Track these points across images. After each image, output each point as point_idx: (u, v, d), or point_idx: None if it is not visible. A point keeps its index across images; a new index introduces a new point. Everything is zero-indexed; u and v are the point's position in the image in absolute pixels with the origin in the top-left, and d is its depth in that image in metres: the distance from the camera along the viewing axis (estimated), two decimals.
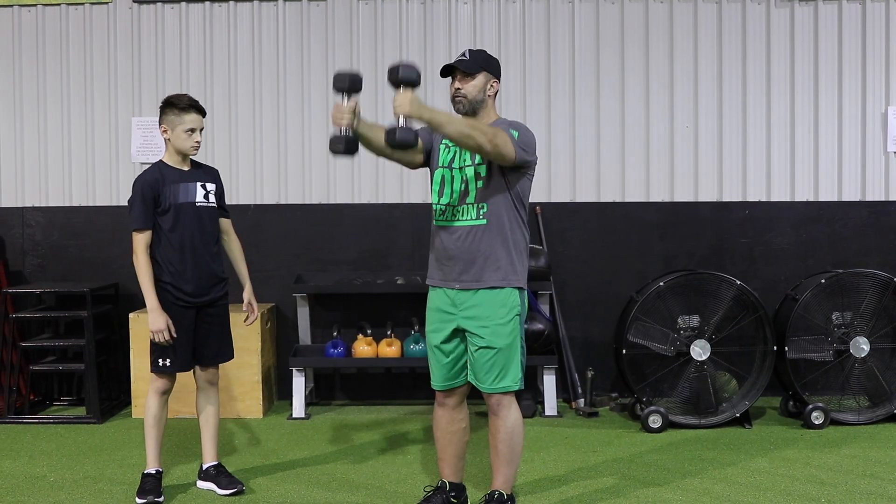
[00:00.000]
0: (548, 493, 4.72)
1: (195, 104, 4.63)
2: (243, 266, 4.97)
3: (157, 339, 4.54)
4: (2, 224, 6.94)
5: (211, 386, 4.83)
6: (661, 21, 6.78)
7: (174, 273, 4.59)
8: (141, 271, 4.55)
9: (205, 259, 4.67)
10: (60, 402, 6.88)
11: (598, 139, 6.82)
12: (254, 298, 4.97)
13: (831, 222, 6.79)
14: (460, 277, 4.11)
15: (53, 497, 4.73)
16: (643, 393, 6.01)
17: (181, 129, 4.58)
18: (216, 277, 4.74)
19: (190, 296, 4.62)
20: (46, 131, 6.96)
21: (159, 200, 4.58)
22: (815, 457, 5.32)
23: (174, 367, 4.63)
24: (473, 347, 4.10)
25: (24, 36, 6.95)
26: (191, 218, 4.63)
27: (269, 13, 6.88)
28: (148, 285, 4.54)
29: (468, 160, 4.11)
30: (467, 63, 4.11)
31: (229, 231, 4.93)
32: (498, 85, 4.21)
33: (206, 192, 4.71)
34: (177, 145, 4.62)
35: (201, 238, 4.67)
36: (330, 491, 4.79)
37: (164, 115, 4.61)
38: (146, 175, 4.62)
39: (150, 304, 4.53)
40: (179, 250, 4.60)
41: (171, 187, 4.60)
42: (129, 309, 6.57)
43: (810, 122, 6.78)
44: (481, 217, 4.07)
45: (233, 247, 4.95)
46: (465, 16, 6.83)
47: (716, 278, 5.98)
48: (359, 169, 6.85)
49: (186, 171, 4.69)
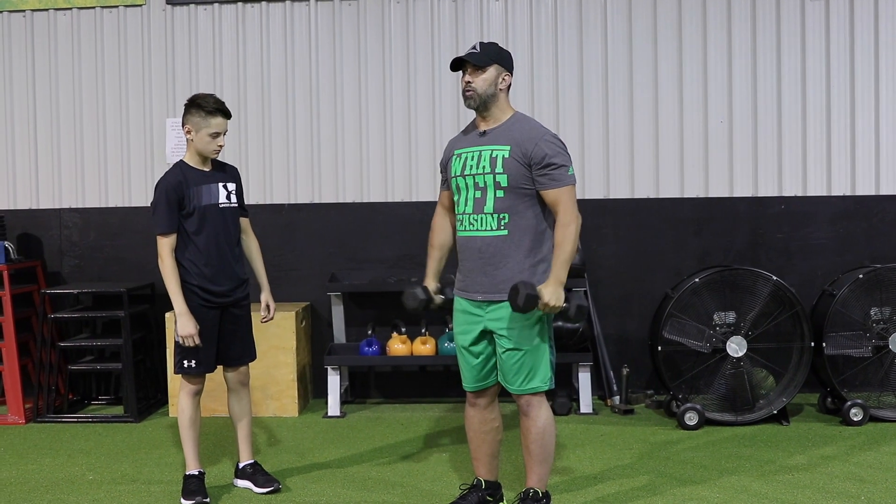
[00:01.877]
0: (583, 491, 4.70)
1: (221, 107, 4.58)
2: (261, 266, 4.94)
3: (185, 344, 4.53)
4: (40, 225, 7.02)
5: (242, 386, 4.84)
6: (694, 15, 6.73)
7: (201, 275, 4.58)
8: (167, 275, 4.53)
9: (229, 260, 4.66)
10: (98, 401, 6.95)
11: (631, 135, 6.78)
12: (271, 299, 4.92)
13: (869, 216, 6.71)
14: (482, 290, 4.07)
15: (92, 495, 4.77)
16: (679, 390, 5.98)
17: (206, 132, 4.54)
18: (239, 279, 4.73)
19: (216, 296, 4.62)
20: (83, 133, 7.03)
21: (183, 203, 4.55)
22: (854, 454, 5.26)
23: (200, 369, 4.63)
24: (501, 349, 4.07)
25: (59, 39, 7.02)
26: (215, 219, 4.61)
27: (301, 13, 6.90)
28: (175, 289, 4.52)
29: (488, 167, 4.02)
30: (478, 56, 4.04)
31: (248, 230, 4.89)
32: (510, 78, 4.12)
33: (228, 192, 4.69)
34: (199, 147, 4.58)
35: (226, 239, 4.65)
36: (365, 490, 4.80)
37: (189, 115, 4.56)
38: (169, 177, 4.58)
39: (179, 309, 4.51)
40: (205, 252, 4.58)
41: (194, 189, 4.56)
42: (165, 308, 6.60)
43: (846, 115, 6.70)
44: (502, 228, 4.00)
45: (251, 246, 4.91)
46: (497, 13, 6.81)
47: (752, 274, 5.93)
48: (392, 167, 6.86)
49: (208, 172, 4.65)
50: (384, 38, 6.87)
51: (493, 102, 4.06)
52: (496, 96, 4.06)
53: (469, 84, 4.04)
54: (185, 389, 4.66)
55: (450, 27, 6.82)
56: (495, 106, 4.08)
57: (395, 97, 6.86)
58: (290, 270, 6.88)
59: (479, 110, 4.09)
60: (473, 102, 4.06)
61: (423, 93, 6.84)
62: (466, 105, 4.09)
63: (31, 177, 7.06)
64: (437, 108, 6.83)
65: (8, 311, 6.36)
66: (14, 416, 6.35)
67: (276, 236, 6.82)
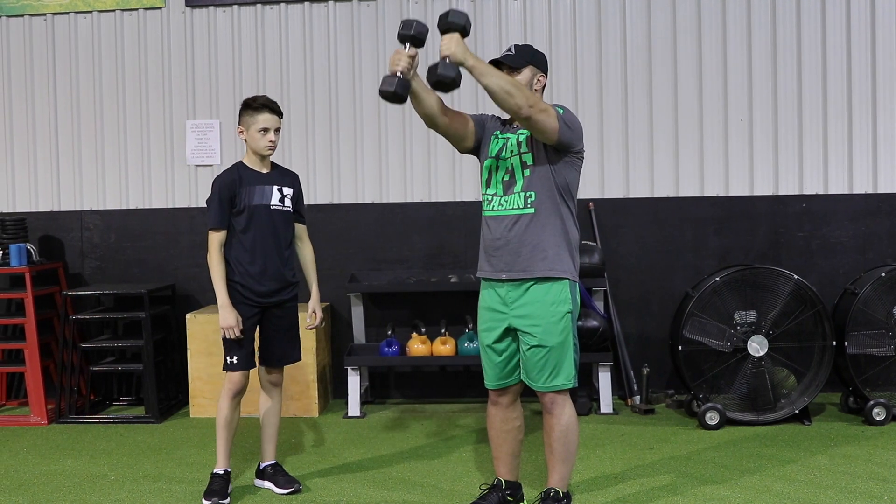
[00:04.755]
0: (604, 490, 4.69)
1: (269, 104, 4.65)
2: (313, 273, 4.96)
3: (227, 335, 4.58)
4: (61, 227, 7.07)
5: (274, 387, 4.86)
6: (713, 12, 6.70)
7: (243, 273, 4.63)
8: (214, 269, 4.61)
9: (275, 262, 4.69)
10: (120, 402, 6.99)
11: (650, 134, 6.76)
12: (319, 307, 4.94)
13: (891, 215, 6.67)
14: (508, 268, 4.06)
15: (114, 495, 4.80)
16: (700, 389, 5.95)
17: (255, 129, 4.61)
18: (285, 281, 4.75)
19: (259, 296, 4.66)
20: (103, 135, 7.07)
21: (235, 201, 4.62)
22: (876, 453, 5.23)
23: (240, 365, 4.66)
24: (525, 346, 4.07)
25: (80, 42, 7.07)
26: (264, 220, 4.66)
27: (319, 14, 6.92)
28: (220, 282, 4.59)
29: (515, 150, 4.06)
30: (513, 58, 4.06)
31: (303, 237, 4.93)
32: (545, 79, 4.14)
33: (283, 195, 4.73)
34: (251, 145, 4.66)
35: (273, 240, 4.69)
36: (386, 489, 4.81)
37: (241, 115, 4.67)
38: (224, 175, 4.68)
39: (221, 301, 4.58)
40: (251, 251, 4.63)
41: (247, 189, 4.64)
42: (185, 309, 6.65)
43: (868, 112, 6.66)
44: (529, 206, 4.02)
45: (305, 252, 4.94)
46: (516, 12, 6.81)
47: (773, 273, 5.90)
48: (411, 168, 6.87)
49: (265, 174, 4.72)
50: None
51: None
52: None
53: None
54: (226, 388, 4.68)
55: None
56: None
57: None
58: None
59: None
60: None
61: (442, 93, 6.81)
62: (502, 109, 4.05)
63: (52, 179, 7.11)
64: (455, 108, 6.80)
65: (30, 312, 6.40)
66: (37, 417, 6.39)
67: None
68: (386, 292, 6.79)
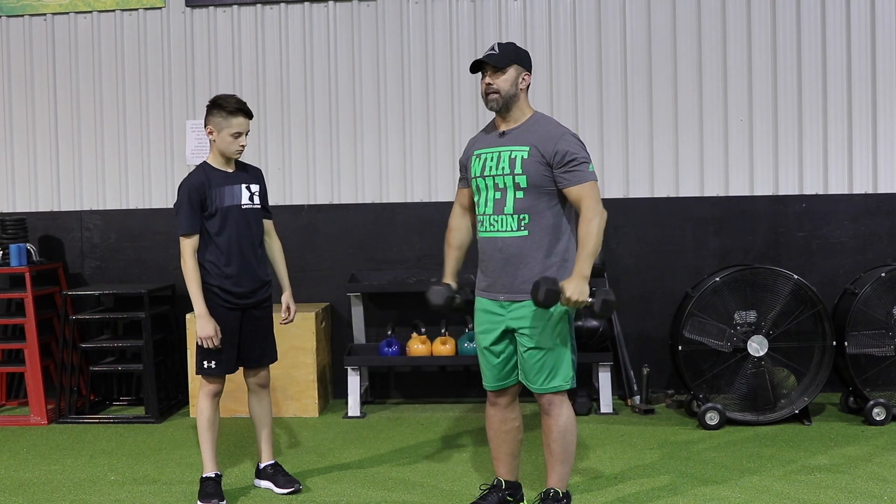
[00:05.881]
0: (604, 490, 4.69)
1: (243, 107, 4.57)
2: (284, 268, 4.93)
3: (204, 345, 4.55)
4: (61, 227, 7.07)
5: (262, 388, 4.84)
6: (713, 13, 6.70)
7: (222, 276, 4.58)
8: (189, 277, 4.53)
9: (250, 261, 4.65)
10: (119, 402, 6.99)
11: (650, 134, 6.76)
12: (293, 302, 4.92)
13: (891, 215, 6.66)
14: (506, 290, 4.05)
15: (114, 496, 4.80)
16: (700, 389, 5.95)
17: (227, 133, 4.54)
18: (260, 280, 4.72)
19: (237, 297, 4.62)
20: (103, 135, 7.07)
21: (206, 204, 4.55)
22: (876, 454, 5.23)
23: (220, 370, 4.63)
24: (523, 349, 4.06)
25: (80, 42, 7.06)
26: (237, 221, 4.60)
27: (319, 14, 6.92)
28: (196, 291, 4.52)
29: (507, 168, 4.00)
30: (497, 57, 4.02)
31: (271, 232, 4.88)
32: (529, 78, 4.10)
33: (251, 193, 4.68)
34: (222, 148, 4.58)
35: (248, 240, 4.64)
36: (385, 490, 4.81)
37: (211, 116, 4.56)
38: (191, 179, 4.59)
39: (199, 311, 4.52)
40: (227, 254, 4.58)
41: (217, 190, 4.56)
42: (185, 309, 6.63)
43: (868, 112, 6.66)
44: (522, 228, 3.99)
45: (274, 248, 4.90)
46: (516, 12, 6.81)
47: (772, 273, 5.90)
48: (411, 168, 6.87)
49: (231, 173, 4.65)
50: (402, 38, 6.87)
51: (513, 103, 4.05)
52: (517, 96, 4.05)
53: (490, 86, 4.02)
54: (204, 390, 4.65)
55: (468, 27, 6.82)
56: (515, 106, 4.06)
57: (414, 97, 6.87)
58: (310, 271, 6.90)
59: (499, 111, 4.08)
60: (496, 104, 4.04)
61: (442, 93, 6.84)
62: (489, 107, 4.07)
63: (52, 179, 7.11)
64: (455, 108, 6.83)
65: (30, 312, 6.40)
66: (36, 417, 6.39)
67: (296, 237, 6.84)
68: (386, 292, 6.78)
